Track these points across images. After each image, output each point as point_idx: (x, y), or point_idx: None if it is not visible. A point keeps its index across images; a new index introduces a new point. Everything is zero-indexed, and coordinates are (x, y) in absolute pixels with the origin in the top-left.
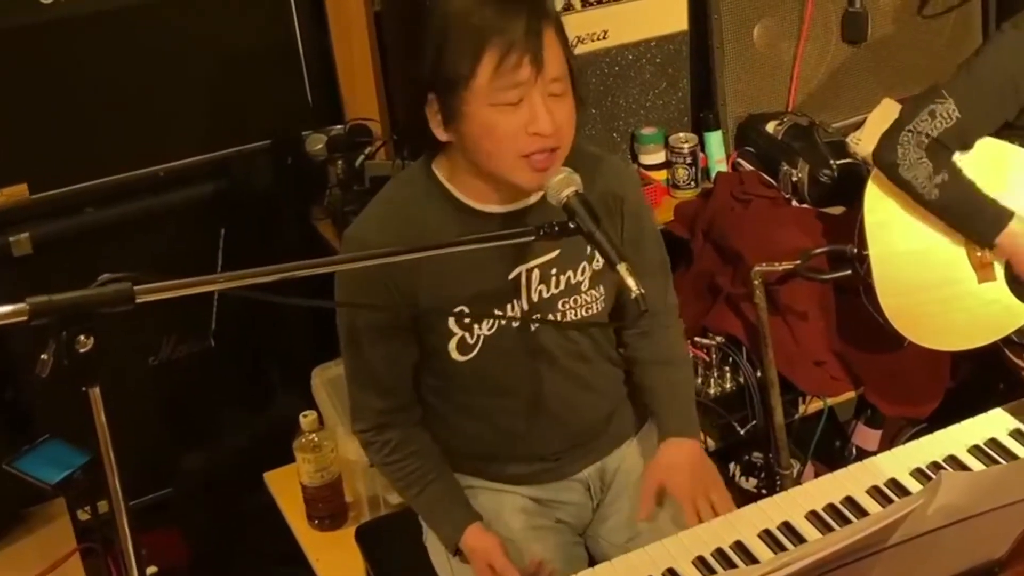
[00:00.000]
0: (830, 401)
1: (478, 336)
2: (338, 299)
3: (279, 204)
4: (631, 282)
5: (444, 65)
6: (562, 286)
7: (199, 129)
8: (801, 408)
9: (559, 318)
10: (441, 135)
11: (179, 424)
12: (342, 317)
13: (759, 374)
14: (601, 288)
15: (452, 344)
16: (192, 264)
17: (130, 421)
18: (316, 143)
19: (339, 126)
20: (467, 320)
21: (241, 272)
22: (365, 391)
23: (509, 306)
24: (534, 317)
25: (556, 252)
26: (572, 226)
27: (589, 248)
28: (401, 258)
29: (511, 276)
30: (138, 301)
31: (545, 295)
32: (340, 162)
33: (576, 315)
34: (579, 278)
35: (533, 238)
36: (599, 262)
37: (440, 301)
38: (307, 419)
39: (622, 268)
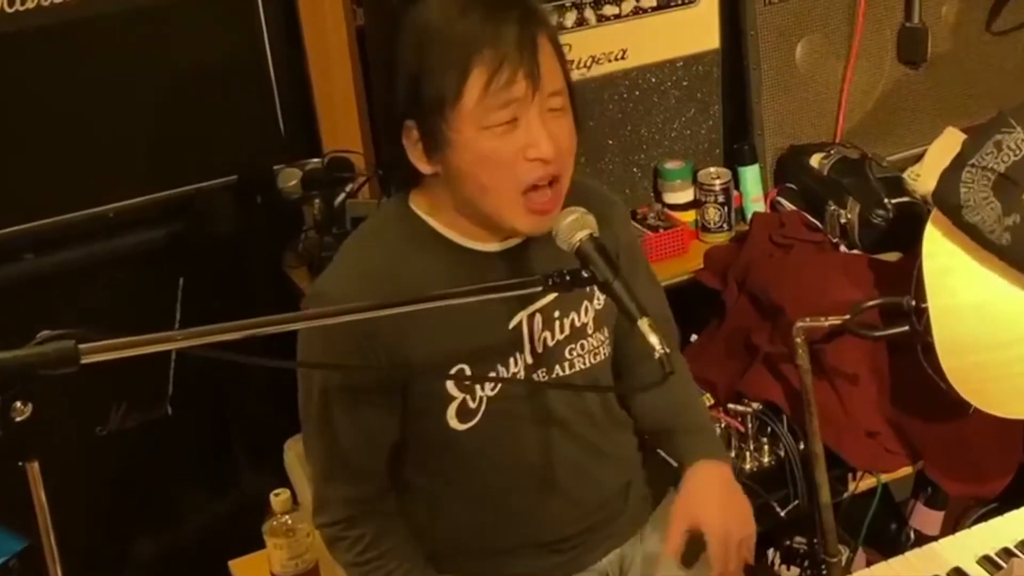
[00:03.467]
0: (884, 478)
1: (480, 399)
2: (303, 374)
3: (246, 249)
4: (654, 340)
5: (425, 86)
6: (567, 330)
7: (154, 163)
8: (851, 486)
9: (567, 368)
10: (424, 167)
11: (131, 504)
12: (305, 383)
13: (802, 446)
14: (605, 330)
15: (451, 410)
16: (146, 319)
17: (74, 500)
18: (289, 179)
19: (316, 159)
20: (468, 381)
21: (202, 328)
22: (333, 478)
23: (512, 360)
24: (542, 370)
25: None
26: (586, 275)
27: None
28: (389, 311)
29: (512, 324)
30: (83, 362)
31: (550, 343)
32: (317, 201)
33: (585, 363)
34: (583, 319)
35: (540, 288)
36: (600, 300)
37: (436, 360)
38: (279, 498)
39: (643, 324)
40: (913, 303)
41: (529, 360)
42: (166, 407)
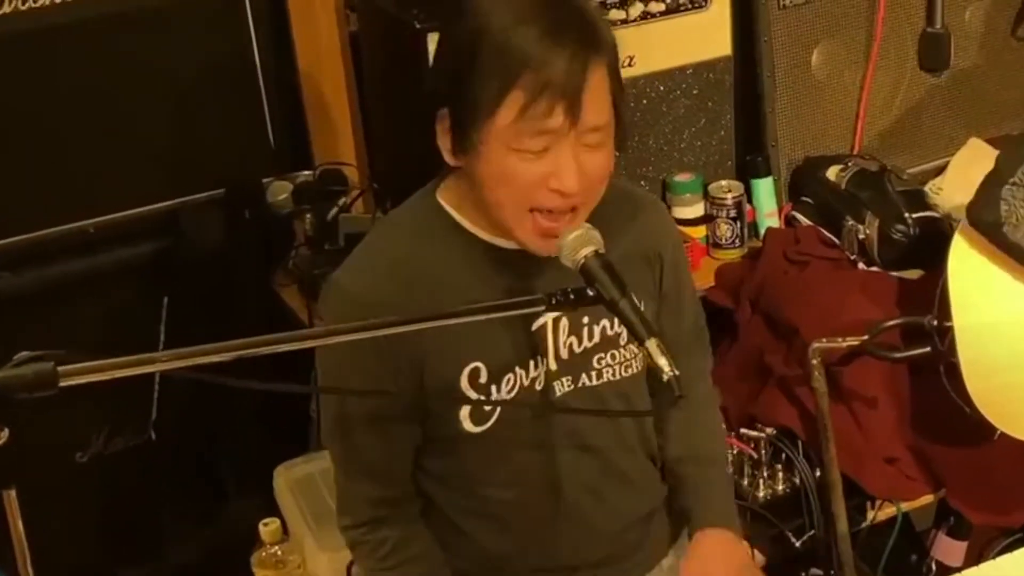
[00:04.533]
0: (904, 506)
1: (496, 401)
2: (322, 373)
3: (234, 267)
4: (663, 362)
5: (466, 88)
6: (596, 338)
7: (137, 176)
8: (870, 515)
9: (595, 378)
10: (449, 159)
11: (113, 534)
12: (328, 396)
13: (818, 473)
14: None
15: (464, 411)
16: (128, 339)
17: (53, 530)
18: (279, 192)
19: (307, 172)
20: (483, 381)
21: (188, 350)
22: (356, 478)
23: (533, 363)
24: (566, 378)
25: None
26: (591, 294)
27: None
28: (393, 331)
29: (534, 327)
30: (63, 384)
31: (576, 350)
32: (309, 215)
33: (614, 374)
34: (616, 329)
35: (543, 308)
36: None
37: (451, 358)
38: (268, 528)
39: (652, 344)
40: (935, 323)
41: (553, 366)
42: (150, 432)
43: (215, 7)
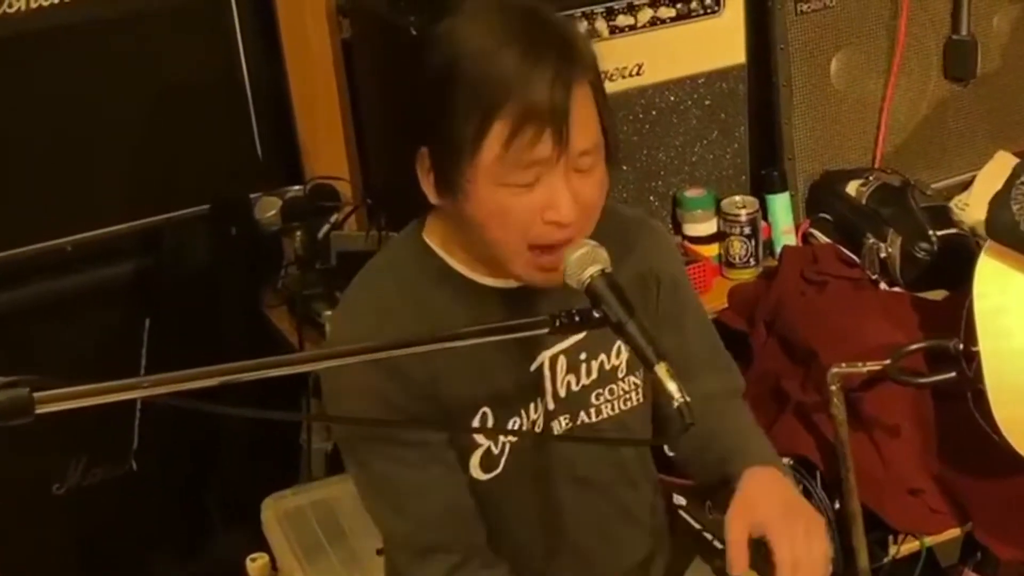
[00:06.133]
0: (928, 541)
1: (503, 445)
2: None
3: (220, 286)
4: (672, 387)
5: (445, 124)
6: (594, 374)
7: (118, 191)
8: (892, 549)
9: (594, 415)
10: (435, 199)
11: (91, 570)
12: (351, 445)
13: (837, 506)
14: (639, 373)
15: (476, 458)
16: (108, 364)
17: (29, 565)
18: (268, 208)
19: (297, 187)
20: (490, 427)
21: (171, 375)
22: (425, 555)
23: (533, 405)
24: (564, 417)
25: (584, 332)
26: (597, 315)
27: None
28: (386, 354)
29: (533, 367)
30: (39, 411)
31: (575, 387)
32: (299, 233)
33: (613, 409)
34: (614, 362)
35: (547, 330)
36: None
37: (463, 403)
38: (256, 564)
39: (661, 369)
40: (961, 346)
41: (551, 405)
42: (131, 462)
43: (201, 16)
